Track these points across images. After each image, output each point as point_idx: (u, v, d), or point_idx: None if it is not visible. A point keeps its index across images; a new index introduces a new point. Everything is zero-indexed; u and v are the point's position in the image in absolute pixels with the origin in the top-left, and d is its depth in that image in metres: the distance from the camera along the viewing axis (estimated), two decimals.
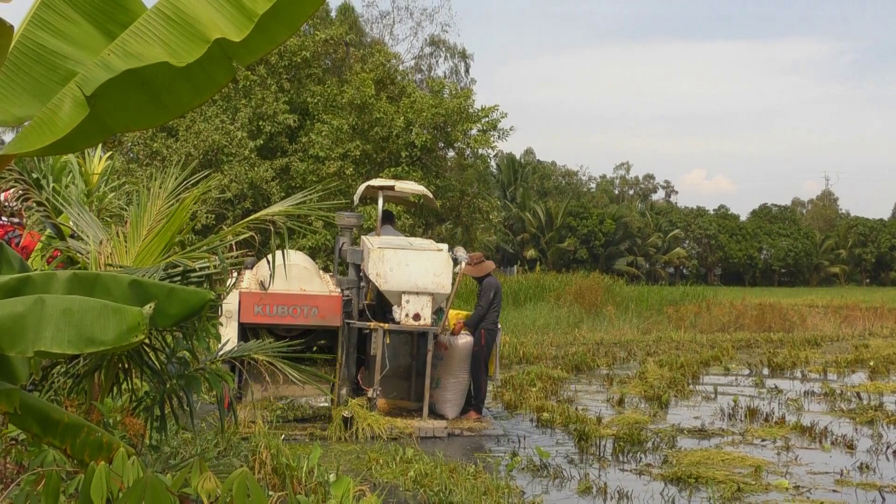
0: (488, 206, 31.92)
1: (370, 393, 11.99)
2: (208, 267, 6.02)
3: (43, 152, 2.70)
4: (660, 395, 14.55)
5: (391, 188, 13.18)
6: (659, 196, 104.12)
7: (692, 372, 17.74)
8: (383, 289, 11.84)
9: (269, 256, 6.23)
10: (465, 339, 12.44)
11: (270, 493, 7.74)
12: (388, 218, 13.91)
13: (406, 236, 14.33)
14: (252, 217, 6.38)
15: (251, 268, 12.08)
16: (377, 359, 11.91)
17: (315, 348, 11.98)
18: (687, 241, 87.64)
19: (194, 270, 5.93)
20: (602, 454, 10.63)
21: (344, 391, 12.00)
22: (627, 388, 15.82)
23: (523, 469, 9.82)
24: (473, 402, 12.61)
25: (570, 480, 9.37)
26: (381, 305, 12.62)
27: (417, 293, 11.78)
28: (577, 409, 13.42)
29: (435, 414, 12.31)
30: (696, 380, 17.21)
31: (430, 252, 12.06)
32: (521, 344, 21.86)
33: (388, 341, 12.04)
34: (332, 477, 7.47)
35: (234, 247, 6.80)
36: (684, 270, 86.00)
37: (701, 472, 9.37)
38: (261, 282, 11.55)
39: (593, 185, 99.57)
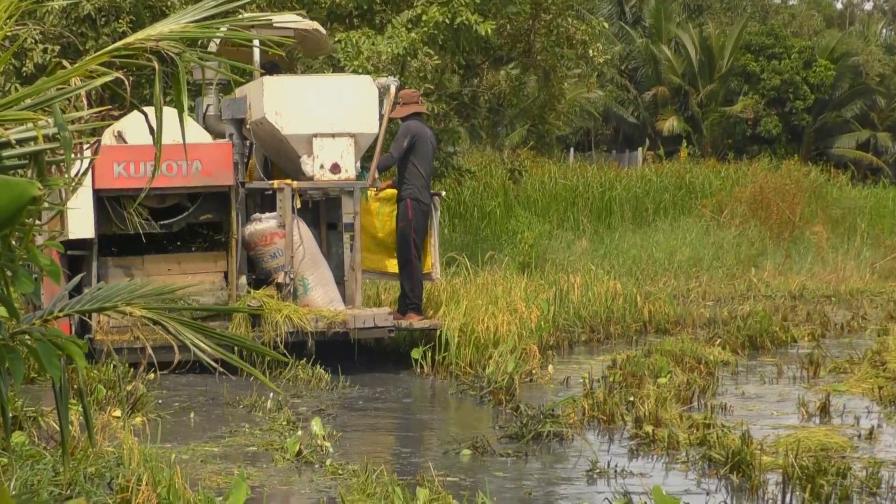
0: (587, 33, 31.63)
1: (280, 278, 15.26)
2: (36, 139, 6.10)
3: None
4: None
5: (269, 24, 15.38)
6: None
7: None
8: (286, 132, 15.38)
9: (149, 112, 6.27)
10: None
11: None
12: (273, 69, 17.15)
13: None
14: (119, 44, 6.41)
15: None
16: (287, 229, 15.18)
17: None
18: None
19: (10, 145, 6.02)
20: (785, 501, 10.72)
21: (243, 279, 15.00)
22: (847, 383, 15.85)
23: None
24: (409, 299, 16.06)
25: None
26: (271, 172, 16.64)
27: (334, 135, 15.34)
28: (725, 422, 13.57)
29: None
30: None
31: (348, 79, 16.57)
32: (648, 297, 21.91)
33: (298, 205, 15.39)
34: None
35: (89, 99, 6.87)
36: None
37: None
38: (118, 133, 14.56)
39: None
